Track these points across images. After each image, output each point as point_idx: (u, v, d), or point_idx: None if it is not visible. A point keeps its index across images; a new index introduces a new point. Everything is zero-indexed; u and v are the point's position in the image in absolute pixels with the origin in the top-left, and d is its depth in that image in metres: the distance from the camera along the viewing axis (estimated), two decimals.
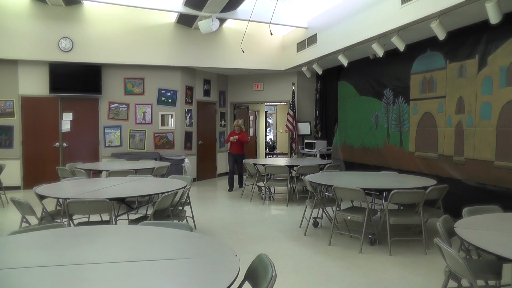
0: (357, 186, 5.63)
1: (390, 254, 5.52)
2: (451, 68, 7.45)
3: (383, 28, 7.53)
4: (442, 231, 3.53)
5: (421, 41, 7.98)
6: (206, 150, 12.74)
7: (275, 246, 5.95)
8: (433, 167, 7.86)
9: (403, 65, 8.68)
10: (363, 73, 10.17)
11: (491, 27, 6.00)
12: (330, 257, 5.52)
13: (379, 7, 7.63)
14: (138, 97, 11.20)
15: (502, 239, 3.32)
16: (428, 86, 8.05)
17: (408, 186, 5.88)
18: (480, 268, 3.59)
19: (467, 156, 7.08)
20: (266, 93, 13.31)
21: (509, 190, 6.24)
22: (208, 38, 11.15)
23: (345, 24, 8.80)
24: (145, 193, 5.28)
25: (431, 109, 7.96)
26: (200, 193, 10.48)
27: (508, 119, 6.33)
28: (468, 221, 3.83)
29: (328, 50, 9.52)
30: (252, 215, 8.04)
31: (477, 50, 6.86)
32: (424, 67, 8.13)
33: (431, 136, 7.95)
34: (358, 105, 10.47)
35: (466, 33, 7.01)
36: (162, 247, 2.85)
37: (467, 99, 7.08)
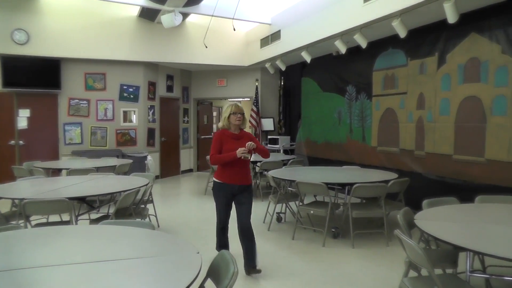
0: (319, 181, 5.72)
1: (352, 247, 5.64)
2: (412, 65, 7.64)
3: (345, 26, 7.62)
4: (403, 223, 3.63)
5: (383, 38, 8.14)
6: (169, 147, 12.57)
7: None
8: (395, 161, 8.04)
9: (365, 62, 8.83)
10: (326, 70, 10.27)
11: (449, 26, 6.17)
12: (293, 251, 5.58)
13: (342, 4, 7.71)
14: (99, 93, 10.92)
15: (459, 229, 3.47)
16: (390, 82, 8.22)
17: (370, 180, 6.00)
18: (438, 258, 3.75)
19: (427, 150, 7.30)
20: (230, 89, 13.28)
21: (466, 183, 6.48)
22: (171, 33, 10.99)
23: (309, 21, 8.86)
24: (107, 192, 5.19)
25: (393, 105, 8.14)
26: (163, 191, 10.35)
27: (465, 114, 6.56)
28: (428, 213, 3.97)
29: (292, 46, 9.57)
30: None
31: (436, 48, 7.08)
32: (386, 64, 8.32)
33: (393, 131, 8.14)
34: (321, 101, 10.58)
35: (426, 31, 7.21)
36: (123, 247, 2.81)
37: (427, 95, 7.29)
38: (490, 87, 6.16)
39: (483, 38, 6.26)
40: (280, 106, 12.87)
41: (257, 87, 12.60)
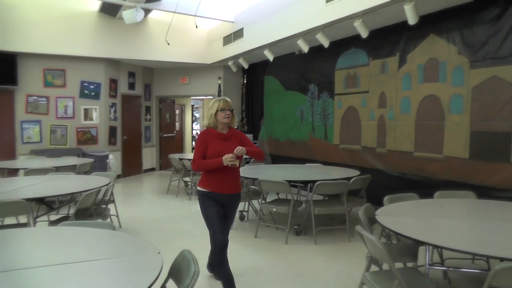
0: (282, 179, 5.73)
1: (315, 244, 5.69)
2: (373, 65, 7.78)
3: (308, 25, 7.67)
4: (364, 219, 3.68)
5: (345, 38, 8.22)
6: (131, 145, 12.37)
7: (202, 241, 5.78)
8: (357, 158, 8.16)
9: (328, 61, 8.91)
10: (289, 68, 10.33)
11: (410, 28, 6.29)
12: (256, 249, 5.59)
13: (305, 4, 7.75)
14: (59, 90, 10.58)
15: (419, 224, 3.57)
16: (352, 81, 8.33)
17: (333, 177, 6.08)
18: (399, 252, 3.84)
19: (389, 148, 7.44)
20: (192, 86, 13.16)
21: (426, 179, 6.66)
22: (133, 29, 10.78)
23: (271, 19, 8.87)
24: (67, 192, 5.05)
25: (355, 104, 8.25)
26: (125, 190, 10.18)
27: (425, 113, 6.73)
28: (388, 208, 4.06)
29: (254, 45, 9.56)
30: (179, 211, 7.94)
31: (397, 48, 7.23)
32: (348, 64, 8.42)
33: (354, 129, 8.25)
34: (284, 100, 10.63)
35: (388, 32, 7.34)
36: (82, 249, 2.74)
37: (388, 94, 7.43)
38: (447, 86, 6.34)
39: (441, 40, 6.44)
40: (242, 104, 12.88)
41: (219, 85, 12.55)
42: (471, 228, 3.51)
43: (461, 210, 4.31)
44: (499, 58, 5.65)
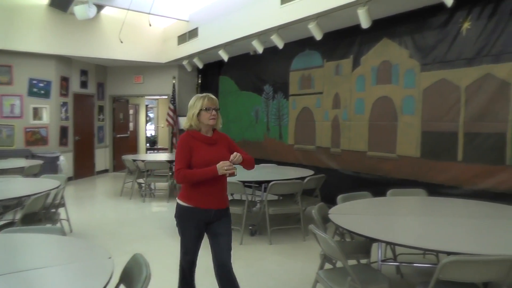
0: (236, 180, 5.67)
1: (270, 243, 5.71)
2: (328, 67, 7.89)
3: (263, 26, 7.69)
4: (317, 218, 3.71)
5: (300, 40, 8.28)
6: (83, 146, 11.97)
7: (156, 244, 5.84)
8: (312, 158, 8.25)
9: (282, 62, 8.97)
10: (244, 69, 10.33)
11: (363, 31, 6.38)
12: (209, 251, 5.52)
13: (260, 5, 7.77)
14: (5, 87, 10.08)
15: (371, 222, 3.66)
16: (306, 82, 8.42)
17: (287, 177, 6.13)
18: (352, 249, 3.89)
19: (343, 148, 7.57)
20: (147, 86, 12.94)
21: (379, 177, 6.83)
22: (85, 25, 10.39)
23: (226, 19, 8.84)
24: (13, 196, 4.79)
25: (309, 104, 8.35)
26: (77, 193, 9.87)
27: (378, 113, 6.90)
28: (342, 207, 4.14)
29: (209, 44, 9.50)
30: (132, 214, 7.80)
31: (351, 51, 7.37)
32: (303, 65, 8.52)
33: (309, 129, 8.34)
34: (238, 100, 10.63)
35: (342, 35, 7.45)
36: (29, 256, 2.62)
37: (342, 95, 7.56)
38: (400, 88, 6.52)
39: (394, 43, 6.62)
40: None
41: (174, 84, 12.36)
42: (422, 224, 3.63)
43: (413, 207, 4.45)
44: (447, 61, 5.87)
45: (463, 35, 5.68)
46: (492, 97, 5.38)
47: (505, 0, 5.25)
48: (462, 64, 5.69)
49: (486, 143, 5.46)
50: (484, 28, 5.44)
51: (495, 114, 5.37)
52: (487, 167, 5.41)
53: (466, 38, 5.65)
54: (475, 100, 5.56)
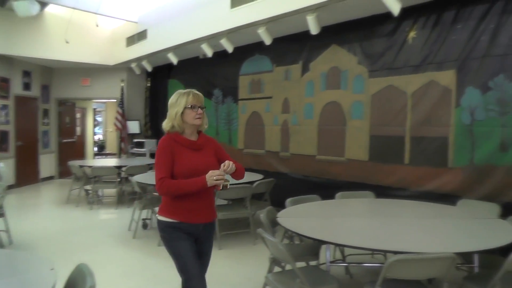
0: None
1: (219, 248, 5.62)
2: (277, 72, 7.93)
3: (212, 30, 7.60)
4: (266, 221, 3.71)
5: (250, 44, 8.22)
6: (26, 152, 11.28)
7: (103, 253, 5.63)
8: (261, 162, 8.24)
9: (232, 66, 8.91)
10: (194, 72, 10.18)
11: (313, 37, 6.44)
12: (160, 258, 5.30)
13: (210, 8, 7.68)
14: None
15: (320, 224, 3.71)
16: (256, 87, 8.41)
17: (236, 181, 6.13)
18: (301, 252, 3.90)
19: (292, 152, 7.62)
20: (94, 89, 12.48)
21: (328, 181, 6.90)
22: (28, 23, 9.71)
23: (176, 22, 8.70)
24: None
25: (259, 109, 8.35)
26: (19, 202, 9.28)
27: (327, 118, 6.99)
28: (291, 210, 4.16)
29: (158, 47, 9.31)
30: (79, 222, 7.44)
31: (301, 56, 7.44)
32: (253, 69, 8.51)
33: (259, 133, 8.34)
34: None
35: (291, 40, 7.49)
36: None
37: (292, 100, 7.61)
38: (349, 93, 6.64)
39: (343, 50, 6.74)
40: (146, 108, 12.53)
41: (122, 88, 12.04)
42: (370, 225, 3.72)
43: (361, 209, 4.54)
44: (394, 68, 6.04)
45: (409, 43, 5.88)
46: (436, 103, 5.58)
47: (447, 11, 5.47)
48: (408, 71, 5.87)
49: (431, 147, 5.65)
50: (429, 37, 5.65)
51: (438, 119, 5.57)
52: (432, 170, 5.61)
53: (412, 46, 5.85)
54: (421, 105, 5.75)
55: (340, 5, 5.83)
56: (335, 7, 5.94)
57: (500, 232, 3.34)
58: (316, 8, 5.95)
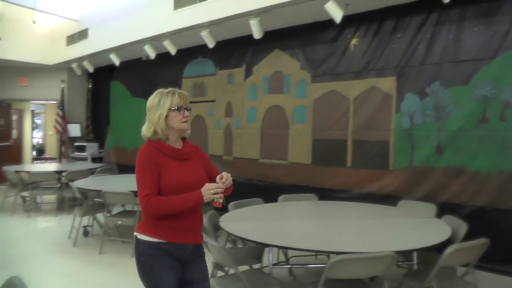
0: (127, 190, 5.45)
1: None
2: (220, 75, 7.85)
3: (155, 31, 7.42)
4: (209, 226, 3.70)
5: (193, 47, 8.07)
6: None
7: (41, 263, 5.26)
8: None
9: (175, 69, 8.73)
10: (136, 74, 9.90)
11: (256, 41, 6.43)
12: (101, 266, 5.18)
13: (153, 9, 7.49)
14: None
15: (263, 227, 3.72)
16: (199, 90, 8.29)
17: None
18: (244, 255, 3.90)
19: (235, 155, 7.56)
20: (32, 89, 11.74)
21: (272, 184, 6.92)
22: None
23: (118, 22, 8.42)
24: None
25: (202, 112, 8.21)
26: None
27: (270, 122, 7.01)
28: (233, 214, 4.16)
29: (100, 47, 8.96)
30: (15, 231, 6.88)
31: (244, 60, 7.42)
32: (196, 72, 8.38)
33: (202, 137, 8.18)
34: (131, 107, 10.14)
35: (235, 44, 7.42)
36: None
37: (235, 103, 7.56)
38: (291, 98, 6.69)
39: (286, 55, 6.79)
40: (88, 110, 12.03)
41: (63, 89, 11.45)
42: (313, 227, 3.77)
43: (304, 212, 4.59)
44: (336, 74, 6.17)
45: (351, 50, 6.04)
46: (377, 108, 5.75)
47: (387, 21, 5.68)
48: (350, 77, 6.01)
49: (372, 150, 5.80)
50: (370, 44, 5.85)
51: (379, 123, 5.75)
52: (373, 172, 5.76)
53: (354, 53, 6.01)
54: (362, 110, 5.90)
55: (283, 10, 5.84)
56: (278, 13, 5.94)
57: (436, 231, 3.48)
58: (259, 12, 5.94)
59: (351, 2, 5.43)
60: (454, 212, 4.18)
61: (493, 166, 4.84)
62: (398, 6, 5.55)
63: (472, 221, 3.77)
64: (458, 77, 5.06)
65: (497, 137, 4.81)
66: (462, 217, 3.79)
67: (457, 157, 5.08)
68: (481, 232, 3.33)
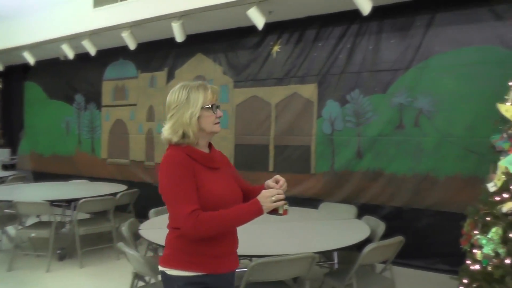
0: (42, 199, 5.04)
1: (81, 267, 5.15)
2: (142, 78, 7.57)
3: (73, 29, 6.97)
4: (128, 234, 3.58)
5: (114, 48, 7.67)
6: None
7: None
8: (126, 172, 7.79)
9: (95, 70, 8.29)
10: (54, 75, 9.29)
11: (179, 45, 6.23)
12: (11, 285, 4.70)
13: (71, 5, 7.06)
14: None
15: None
16: (120, 93, 7.92)
17: (99, 193, 5.61)
18: None
19: (157, 161, 7.26)
20: None
21: None
22: None
23: (32, 17, 7.81)
24: None
25: (123, 116, 7.88)
26: None
27: None
28: (154, 221, 4.07)
29: (11, 43, 8.20)
30: None
31: (166, 63, 7.24)
32: (117, 75, 8.01)
33: (123, 142, 7.86)
34: (48, 110, 9.53)
35: (157, 46, 7.18)
36: None
37: (157, 108, 7.33)
38: None
39: (208, 59, 6.74)
40: None
41: None
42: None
43: None
44: (258, 80, 6.21)
45: (274, 57, 6.13)
46: (298, 114, 5.85)
47: (309, 29, 5.83)
48: (272, 83, 6.06)
49: (294, 155, 5.89)
50: (292, 52, 5.97)
51: (301, 129, 5.87)
52: (296, 176, 5.83)
53: (276, 60, 6.09)
54: (284, 116, 5.97)
55: (206, 14, 5.70)
56: (201, 16, 5.80)
57: (356, 231, 3.60)
58: (181, 15, 5.75)
59: (274, 10, 5.40)
60: (373, 212, 4.39)
61: (409, 169, 5.11)
62: (320, 16, 5.67)
63: (390, 220, 4.03)
64: (377, 85, 5.31)
65: (412, 142, 5.11)
66: (381, 217, 3.96)
67: (376, 161, 5.30)
68: (398, 230, 3.52)
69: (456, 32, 4.86)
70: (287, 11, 5.61)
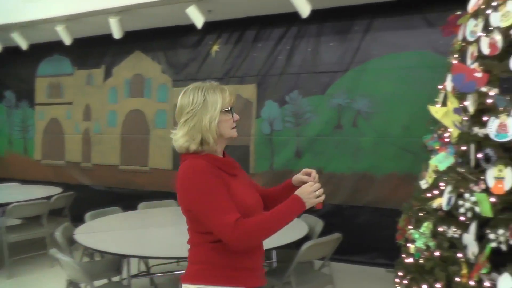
0: None
1: (9, 278, 4.86)
2: (79, 75, 7.24)
3: (1, 20, 6.51)
4: (62, 240, 3.44)
5: (48, 43, 7.26)
6: None
7: None
8: (61, 174, 7.43)
9: (28, 66, 7.83)
10: None
11: (116, 41, 6.02)
12: None
13: None
14: None
15: (121, 238, 3.58)
16: (55, 91, 7.54)
17: (32, 197, 5.35)
18: (103, 268, 3.69)
19: (94, 162, 7.04)
20: None
21: (133, 191, 6.65)
22: None
23: None
24: None
25: (59, 115, 7.51)
26: None
27: (131, 126, 6.77)
28: (90, 225, 3.94)
29: None
30: None
31: (103, 60, 6.97)
32: (52, 71, 7.60)
33: (58, 143, 7.51)
34: None
35: (94, 42, 6.88)
36: None
37: (94, 106, 7.04)
38: (152, 102, 6.50)
39: (147, 57, 6.57)
40: None
41: None
42: (173, 234, 3.65)
43: (164, 218, 4.43)
44: (197, 79, 6.19)
45: (213, 56, 6.09)
46: (239, 114, 5.95)
47: (249, 30, 5.86)
48: None
49: (234, 155, 5.83)
50: (231, 52, 5.97)
51: (240, 129, 5.88)
52: None
53: (216, 60, 6.07)
54: None
55: (144, 11, 5.51)
56: (139, 13, 5.59)
57: (295, 229, 3.60)
58: (119, 11, 5.51)
59: (214, 9, 5.31)
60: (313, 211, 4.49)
61: (347, 168, 5.24)
62: (260, 17, 5.68)
63: (330, 218, 4.16)
64: (316, 87, 5.40)
65: (350, 141, 5.26)
66: (321, 215, 3.97)
67: (315, 160, 5.37)
68: (338, 227, 3.65)
69: (392, 37, 5.02)
70: (227, 10, 5.55)
